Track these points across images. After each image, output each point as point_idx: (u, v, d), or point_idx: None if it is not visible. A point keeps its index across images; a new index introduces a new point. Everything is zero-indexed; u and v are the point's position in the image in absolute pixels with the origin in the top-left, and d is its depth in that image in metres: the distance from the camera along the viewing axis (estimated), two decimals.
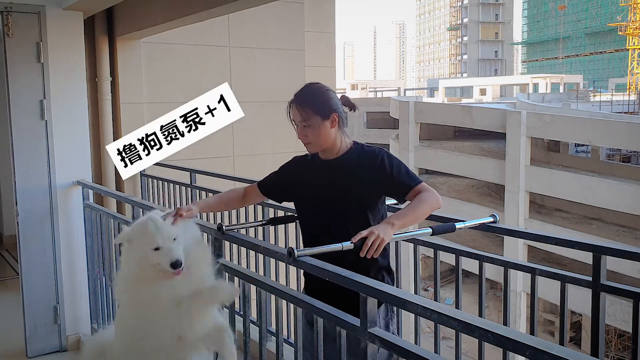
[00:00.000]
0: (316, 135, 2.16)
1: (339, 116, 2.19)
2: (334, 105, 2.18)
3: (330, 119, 2.16)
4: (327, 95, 2.20)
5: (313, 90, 2.22)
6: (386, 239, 1.89)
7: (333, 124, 2.16)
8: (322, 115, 2.15)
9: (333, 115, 2.16)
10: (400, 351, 1.51)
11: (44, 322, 3.85)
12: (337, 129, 2.18)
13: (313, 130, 2.16)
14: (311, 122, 2.15)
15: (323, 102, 2.18)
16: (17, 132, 3.72)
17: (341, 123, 2.20)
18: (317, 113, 2.15)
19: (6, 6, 3.63)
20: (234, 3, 3.94)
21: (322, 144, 2.18)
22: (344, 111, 2.24)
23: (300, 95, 2.21)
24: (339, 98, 2.26)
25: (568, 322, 2.37)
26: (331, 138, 2.18)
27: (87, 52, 4.46)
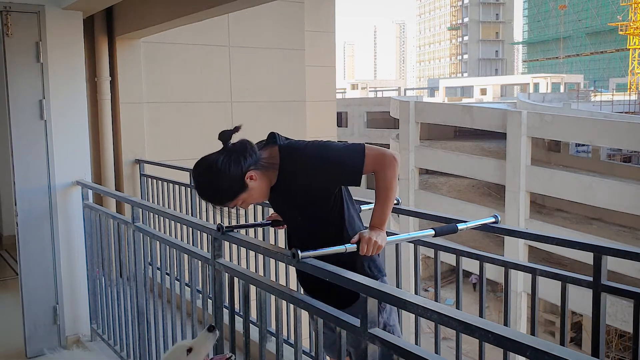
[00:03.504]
0: (254, 198, 2.06)
1: (252, 167, 2.00)
2: (237, 173, 1.97)
3: (248, 183, 1.99)
4: (222, 173, 1.97)
5: (210, 183, 2.01)
6: (383, 244, 1.96)
7: (254, 179, 2.00)
8: (241, 190, 2.00)
9: (246, 179, 1.99)
10: (401, 351, 1.51)
11: (43, 323, 3.84)
12: (259, 176, 2.01)
13: (249, 200, 2.05)
14: (240, 200, 2.03)
15: (229, 184, 1.98)
16: (17, 132, 3.71)
17: (258, 167, 2.01)
18: (236, 195, 2.01)
19: (5, 6, 3.62)
20: (234, 3, 3.93)
21: (265, 192, 2.07)
22: (241, 154, 2.00)
23: (208, 198, 2.05)
24: (225, 152, 2.01)
25: (569, 323, 2.37)
26: (265, 183, 2.05)
27: (86, 51, 4.45)
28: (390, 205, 2.02)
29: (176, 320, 2.95)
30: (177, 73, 5.99)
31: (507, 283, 2.39)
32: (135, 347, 3.31)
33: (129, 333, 3.39)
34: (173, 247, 2.95)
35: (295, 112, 6.79)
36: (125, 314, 3.42)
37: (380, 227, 1.99)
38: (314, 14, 7.90)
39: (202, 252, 2.64)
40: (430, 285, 19.33)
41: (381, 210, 2.00)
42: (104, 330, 3.81)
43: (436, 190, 23.43)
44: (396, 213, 2.72)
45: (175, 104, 6.01)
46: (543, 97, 32.07)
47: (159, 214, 3.78)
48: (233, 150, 2.01)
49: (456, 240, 9.81)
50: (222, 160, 1.98)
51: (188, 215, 4.68)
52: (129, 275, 3.31)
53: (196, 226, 2.74)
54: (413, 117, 21.99)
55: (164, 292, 3.10)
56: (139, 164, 5.64)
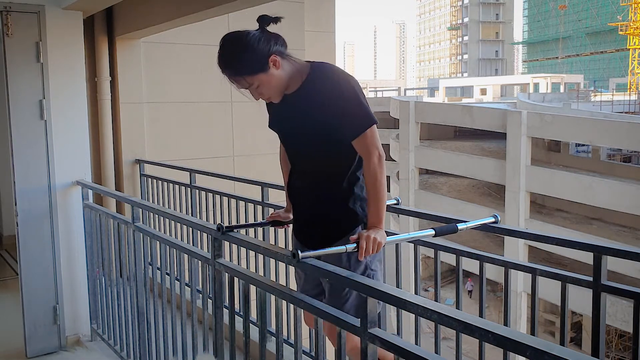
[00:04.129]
0: (270, 88, 2.00)
1: (276, 53, 1.96)
2: (264, 49, 1.94)
3: (270, 66, 1.95)
4: (250, 44, 1.93)
5: (234, 51, 1.95)
6: (383, 241, 1.96)
7: (277, 66, 1.96)
8: (262, 70, 1.94)
9: (270, 60, 1.95)
10: (401, 351, 1.51)
11: (43, 323, 3.84)
12: (282, 66, 1.98)
13: (264, 87, 1.99)
14: (257, 82, 1.97)
15: (252, 56, 1.93)
16: (17, 132, 3.71)
17: (283, 56, 1.98)
18: (255, 72, 1.94)
19: (5, 6, 3.62)
20: (234, 3, 3.94)
21: (281, 89, 2.02)
22: (274, 39, 1.98)
23: (226, 64, 1.97)
24: (259, 30, 1.97)
25: (569, 323, 2.37)
26: (284, 78, 2.00)
27: (86, 51, 4.45)
28: (383, 201, 2.01)
29: (176, 320, 2.95)
30: (177, 73, 5.99)
31: (507, 283, 2.39)
32: (135, 347, 3.31)
33: (129, 333, 3.40)
34: (173, 247, 2.95)
35: None
36: (125, 314, 3.42)
37: (378, 225, 1.98)
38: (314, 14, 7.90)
39: (202, 252, 2.64)
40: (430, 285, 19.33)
41: (376, 208, 2.00)
42: (104, 330, 3.81)
43: (436, 190, 23.43)
44: (396, 213, 2.72)
45: (175, 104, 6.01)
46: (543, 97, 32.07)
47: (159, 214, 3.79)
48: (268, 32, 1.98)
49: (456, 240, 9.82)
50: (255, 33, 1.96)
51: (188, 215, 4.68)
52: (129, 275, 3.32)
53: (196, 226, 2.74)
54: (413, 117, 21.98)
55: (164, 292, 3.10)
56: (139, 164, 5.64)
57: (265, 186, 3.88)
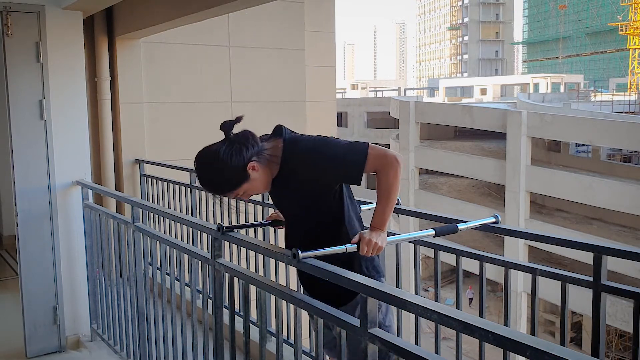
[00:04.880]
0: (255, 189, 2.05)
1: (254, 157, 1.99)
2: (239, 163, 1.96)
3: (250, 173, 1.99)
4: (225, 164, 1.96)
5: (211, 175, 2.02)
6: (383, 244, 1.96)
7: (256, 169, 2.00)
8: (243, 180, 1.99)
9: (248, 169, 1.98)
10: (401, 351, 1.51)
11: (43, 323, 3.84)
12: (261, 167, 2.01)
13: (250, 191, 2.05)
14: (242, 191, 2.02)
15: (231, 174, 1.98)
16: (17, 132, 3.71)
17: (260, 158, 2.00)
18: (237, 185, 2.00)
19: (5, 6, 3.62)
20: (234, 3, 3.93)
21: (266, 183, 2.06)
22: (244, 145, 1.98)
23: (209, 188, 2.05)
24: (226, 142, 1.98)
25: (569, 323, 2.37)
26: (267, 173, 2.04)
27: (86, 51, 4.45)
28: (391, 206, 2.00)
29: (176, 320, 2.95)
30: (177, 73, 5.99)
31: (507, 283, 2.39)
32: (135, 347, 3.31)
33: (129, 333, 3.40)
34: (173, 247, 2.95)
35: (295, 112, 6.78)
36: (125, 314, 3.42)
37: (380, 227, 1.98)
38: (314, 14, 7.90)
39: (202, 252, 2.64)
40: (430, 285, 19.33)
41: (382, 211, 2.00)
42: (104, 330, 3.81)
43: (436, 190, 23.44)
44: (396, 213, 2.72)
45: (175, 104, 6.01)
46: (543, 97, 32.07)
47: (159, 214, 3.78)
48: (235, 140, 1.99)
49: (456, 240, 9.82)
50: (224, 149, 1.97)
51: (188, 215, 4.68)
52: (129, 275, 3.31)
53: (196, 226, 2.74)
54: (413, 117, 21.99)
55: (164, 292, 3.10)
56: (139, 164, 5.64)
57: None
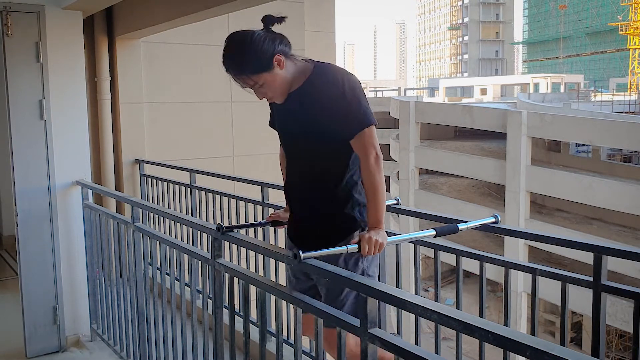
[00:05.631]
0: (273, 88, 2.02)
1: (281, 53, 1.98)
2: (268, 48, 1.96)
3: (274, 65, 1.97)
4: (255, 43, 1.95)
5: (239, 50, 1.97)
6: (384, 242, 1.96)
7: (281, 66, 1.98)
8: (266, 69, 1.97)
9: (275, 60, 1.97)
10: (401, 352, 1.51)
11: (43, 323, 3.84)
12: (286, 65, 2.01)
13: (268, 87, 2.01)
14: (261, 81, 1.99)
15: (257, 56, 1.96)
16: (17, 132, 3.71)
17: (287, 57, 2.01)
18: (259, 71, 1.97)
19: (5, 6, 3.62)
20: (234, 3, 3.93)
21: (284, 89, 2.04)
22: (279, 39, 2.00)
23: (231, 63, 1.99)
24: (264, 30, 2.00)
25: (569, 323, 2.37)
26: (288, 78, 2.02)
27: (86, 51, 4.45)
28: (381, 201, 2.00)
29: (176, 320, 2.95)
30: (177, 73, 5.99)
31: (507, 283, 2.38)
32: (135, 347, 3.31)
33: (129, 333, 3.40)
34: (173, 247, 2.95)
35: None
36: (125, 314, 3.42)
37: (378, 225, 1.98)
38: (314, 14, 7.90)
39: (202, 252, 2.64)
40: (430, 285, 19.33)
41: (375, 209, 2.00)
42: (104, 330, 3.81)
43: (436, 190, 23.43)
44: (396, 213, 2.72)
45: (175, 104, 6.01)
46: (543, 97, 32.07)
47: (159, 214, 3.78)
48: (273, 32, 2.01)
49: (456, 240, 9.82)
50: (260, 33, 1.98)
51: (188, 215, 4.68)
52: (129, 275, 3.31)
53: (196, 226, 2.73)
54: (413, 117, 21.98)
55: (164, 292, 3.10)
56: (139, 164, 5.64)
57: (265, 186, 3.87)
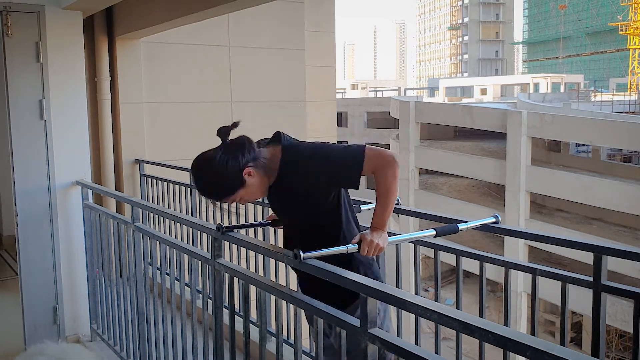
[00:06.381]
0: (252, 194, 2.06)
1: (250, 163, 2.00)
2: (233, 169, 1.98)
3: (246, 179, 2.00)
4: (219, 171, 1.98)
5: (207, 181, 2.04)
6: (384, 245, 1.96)
7: (252, 175, 2.00)
8: (239, 185, 2.00)
9: (245, 174, 1.99)
10: (401, 352, 1.51)
11: (43, 323, 3.84)
12: (257, 173, 2.01)
13: (247, 197, 2.05)
14: (238, 197, 2.04)
15: (227, 181, 2.00)
16: (17, 132, 3.71)
17: (256, 164, 2.01)
18: (233, 191, 2.01)
19: (5, 6, 3.62)
20: (234, 3, 3.93)
21: (263, 190, 2.07)
22: (240, 151, 2.00)
23: (206, 194, 2.07)
24: (223, 149, 2.01)
25: (569, 323, 2.37)
26: (263, 179, 2.04)
27: (86, 51, 4.45)
28: (390, 206, 2.00)
29: (176, 320, 2.95)
30: (177, 73, 5.99)
31: (507, 283, 2.38)
32: (135, 347, 3.31)
33: (128, 333, 3.39)
34: (173, 247, 2.95)
35: (295, 112, 6.78)
36: (125, 314, 3.42)
37: (381, 228, 1.98)
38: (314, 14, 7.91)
39: (202, 252, 2.64)
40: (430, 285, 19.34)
41: (382, 212, 2.00)
42: (104, 330, 3.81)
43: (436, 190, 23.44)
44: (396, 213, 2.72)
45: (175, 104, 6.01)
46: (543, 97, 32.07)
47: (159, 214, 3.78)
48: (231, 146, 2.02)
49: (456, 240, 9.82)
50: (220, 155, 2.00)
51: (188, 215, 4.68)
52: (129, 275, 3.31)
53: (196, 226, 2.73)
54: (413, 117, 21.99)
55: (164, 292, 3.10)
56: (139, 164, 5.64)
57: None
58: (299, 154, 2.02)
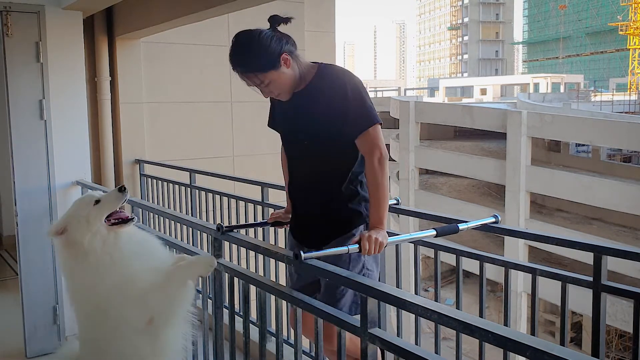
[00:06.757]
0: (280, 86, 2.05)
1: (287, 52, 2.02)
2: (276, 47, 1.99)
3: (281, 64, 2.00)
4: (263, 42, 1.99)
5: (247, 47, 2.01)
6: (385, 241, 1.96)
7: (287, 65, 2.01)
8: (273, 67, 2.00)
9: (282, 58, 2.00)
10: (401, 351, 1.51)
11: (43, 323, 3.84)
12: (292, 65, 2.04)
13: (274, 85, 2.04)
14: (268, 79, 2.02)
15: (265, 53, 1.99)
16: (17, 132, 3.71)
17: (293, 56, 2.04)
18: (267, 69, 2.00)
19: (5, 6, 3.62)
20: (234, 3, 3.93)
21: (290, 87, 2.07)
22: (285, 38, 2.03)
23: (239, 61, 2.03)
24: (271, 28, 2.04)
25: (569, 323, 2.37)
26: (294, 77, 2.05)
27: (86, 52, 4.45)
28: (384, 201, 2.02)
29: None
30: (177, 73, 5.99)
31: (507, 283, 2.39)
32: None
33: None
34: (173, 247, 2.94)
35: None
36: None
37: (379, 225, 1.99)
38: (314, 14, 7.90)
39: (202, 252, 2.64)
40: (430, 285, 19.33)
41: (377, 209, 2.01)
42: None
43: (436, 190, 23.43)
44: (396, 213, 2.72)
45: (175, 104, 6.01)
46: (543, 97, 32.06)
47: (159, 214, 3.78)
48: (280, 32, 2.05)
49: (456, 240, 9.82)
50: (267, 32, 2.02)
51: (188, 215, 4.68)
52: None
53: (196, 226, 2.74)
54: (413, 117, 21.98)
55: None
56: (139, 164, 5.64)
57: (265, 186, 3.88)
58: (335, 74, 2.05)
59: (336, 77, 2.05)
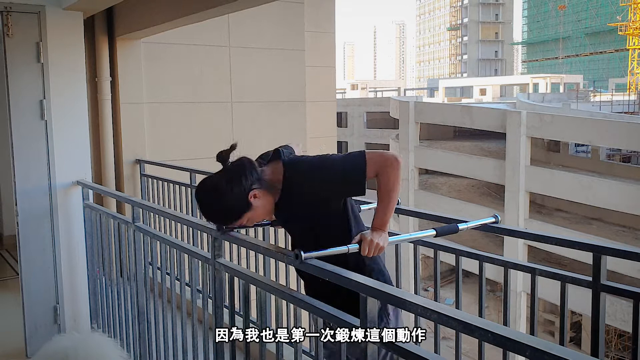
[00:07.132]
0: (259, 215, 2.06)
1: (255, 185, 2.00)
2: (240, 194, 1.98)
3: (252, 202, 2.00)
4: (226, 197, 1.98)
5: (214, 208, 2.06)
6: (384, 244, 1.97)
7: (258, 197, 2.00)
8: (246, 209, 2.01)
9: (250, 197, 1.99)
10: (400, 351, 1.51)
11: (43, 322, 3.84)
12: (262, 194, 2.01)
13: (254, 217, 2.05)
14: (245, 218, 2.04)
15: (233, 206, 2.00)
16: (17, 132, 3.71)
17: (261, 185, 2.00)
18: (240, 215, 2.02)
19: (6, 6, 3.62)
20: (234, 3, 3.94)
21: (269, 210, 2.07)
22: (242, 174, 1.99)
23: (211, 218, 2.11)
24: (225, 174, 2.01)
25: (568, 322, 2.37)
26: (269, 203, 2.04)
27: (87, 52, 4.45)
28: (392, 206, 2.01)
29: (176, 320, 2.95)
30: (177, 73, 6.00)
31: (507, 283, 2.39)
32: (135, 347, 3.31)
33: (129, 332, 3.40)
34: (173, 247, 2.95)
35: (295, 112, 6.79)
36: (125, 314, 3.43)
37: (382, 228, 1.99)
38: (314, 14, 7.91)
39: (202, 252, 2.64)
40: (430, 285, 19.33)
41: (383, 212, 2.00)
42: (105, 329, 3.81)
43: (436, 190, 23.44)
44: (396, 213, 2.72)
45: (175, 104, 6.01)
46: (542, 97, 32.08)
47: (159, 214, 3.79)
48: (233, 170, 2.01)
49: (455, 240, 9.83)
50: (224, 182, 2.00)
51: (188, 215, 4.68)
52: (129, 275, 3.32)
53: (196, 226, 2.74)
54: (413, 117, 22.00)
55: (164, 292, 3.11)
56: (139, 164, 5.65)
57: None
58: (301, 168, 2.02)
59: (302, 174, 2.00)
